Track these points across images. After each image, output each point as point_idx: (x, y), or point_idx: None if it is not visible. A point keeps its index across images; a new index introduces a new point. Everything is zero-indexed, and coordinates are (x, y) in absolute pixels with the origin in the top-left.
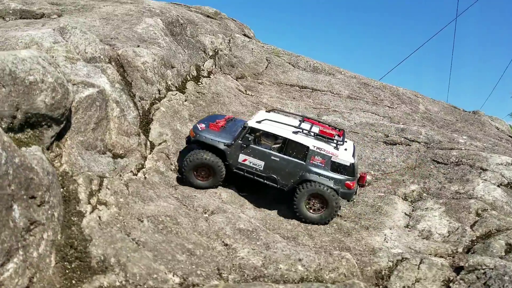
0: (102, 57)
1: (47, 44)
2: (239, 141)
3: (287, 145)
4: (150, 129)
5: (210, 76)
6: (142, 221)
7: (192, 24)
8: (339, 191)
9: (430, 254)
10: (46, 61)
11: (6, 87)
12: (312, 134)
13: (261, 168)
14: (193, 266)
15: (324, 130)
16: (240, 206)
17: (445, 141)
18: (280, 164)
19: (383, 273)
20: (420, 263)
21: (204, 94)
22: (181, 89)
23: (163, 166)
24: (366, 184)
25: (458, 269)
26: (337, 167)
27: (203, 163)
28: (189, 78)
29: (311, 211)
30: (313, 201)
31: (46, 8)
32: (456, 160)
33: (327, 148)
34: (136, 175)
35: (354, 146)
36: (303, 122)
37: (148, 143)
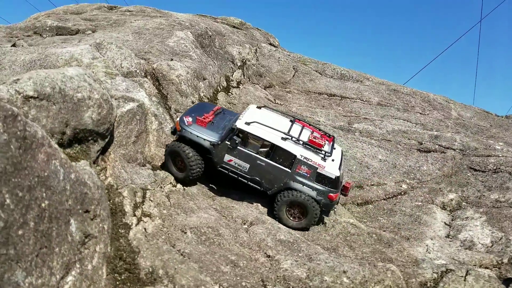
0: (138, 71)
1: (86, 60)
2: (226, 142)
3: (274, 150)
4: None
5: (240, 86)
6: (185, 233)
7: (220, 35)
8: (321, 202)
9: (475, 265)
10: (92, 78)
11: (57, 105)
12: (301, 142)
13: (246, 170)
14: (238, 278)
15: (313, 139)
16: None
17: (481, 148)
18: (266, 169)
19: (428, 285)
20: (466, 274)
21: (235, 104)
22: (213, 100)
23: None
24: (347, 194)
25: (507, 281)
26: (322, 178)
27: (178, 154)
28: (219, 89)
29: (291, 218)
30: (294, 209)
31: (80, 24)
32: (494, 168)
33: (314, 158)
34: (175, 186)
35: (342, 154)
36: (294, 123)
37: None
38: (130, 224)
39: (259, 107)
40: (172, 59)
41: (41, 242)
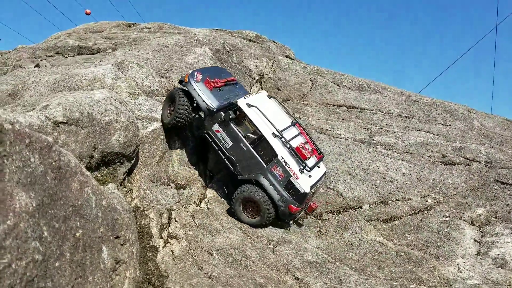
0: (159, 89)
1: (109, 81)
2: (221, 113)
3: (260, 141)
4: (208, 158)
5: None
6: (212, 255)
7: (237, 49)
8: (280, 209)
9: (509, 285)
10: (117, 101)
11: (85, 129)
12: (288, 146)
13: (228, 147)
14: None
15: (301, 148)
16: (302, 235)
17: (507, 159)
18: (245, 154)
19: None
20: None
21: None
22: None
23: (223, 195)
24: (311, 214)
25: None
26: (291, 188)
27: (172, 98)
28: None
29: (245, 212)
30: (250, 205)
31: (101, 43)
32: None
33: (293, 166)
34: (199, 205)
35: (323, 175)
36: (293, 126)
37: (207, 172)
38: (157, 246)
39: (269, 96)
40: None
41: (76, 272)
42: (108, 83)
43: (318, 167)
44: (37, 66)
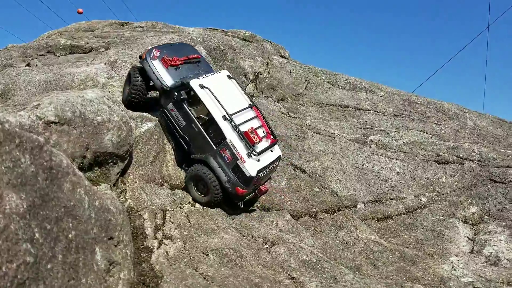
0: None
1: (102, 80)
2: (175, 92)
3: (210, 123)
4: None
5: (253, 100)
6: (207, 255)
7: (231, 49)
8: (227, 191)
9: (502, 283)
10: (110, 100)
11: (77, 129)
12: (238, 131)
13: (181, 126)
14: None
15: (250, 133)
16: (297, 234)
17: (500, 158)
18: (196, 135)
19: None
20: None
21: None
22: None
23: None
24: (260, 196)
25: None
26: (238, 171)
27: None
28: None
29: (196, 190)
30: (200, 184)
31: (93, 42)
32: None
33: (240, 150)
34: (194, 206)
35: (277, 159)
36: (250, 109)
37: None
38: (151, 247)
39: (229, 77)
40: None
41: (69, 274)
42: (100, 83)
43: (272, 151)
44: (28, 65)
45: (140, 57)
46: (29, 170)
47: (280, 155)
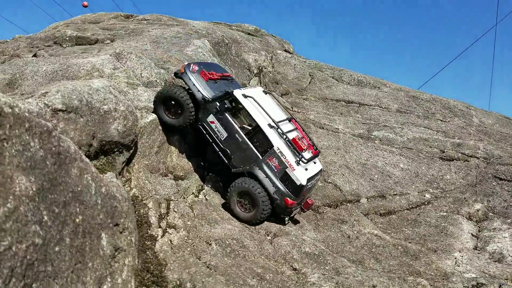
0: (158, 81)
1: (108, 71)
2: (217, 103)
3: (256, 132)
4: (206, 149)
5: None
6: (210, 244)
7: (235, 43)
8: (275, 203)
9: (506, 279)
10: (117, 90)
11: (84, 117)
12: (285, 137)
13: (222, 139)
14: None
15: (298, 140)
16: (300, 227)
17: (506, 156)
18: (240, 145)
19: None
20: None
21: None
22: None
23: (221, 186)
24: (306, 210)
25: None
26: (287, 180)
27: (171, 97)
28: None
29: (239, 206)
30: (245, 199)
31: (99, 34)
32: None
33: (289, 157)
34: (197, 196)
35: (319, 172)
36: (289, 121)
37: (206, 163)
38: (156, 235)
39: (265, 92)
40: None
41: (76, 258)
42: (106, 73)
43: (314, 163)
44: (35, 56)
45: (176, 73)
46: (38, 154)
47: (322, 168)
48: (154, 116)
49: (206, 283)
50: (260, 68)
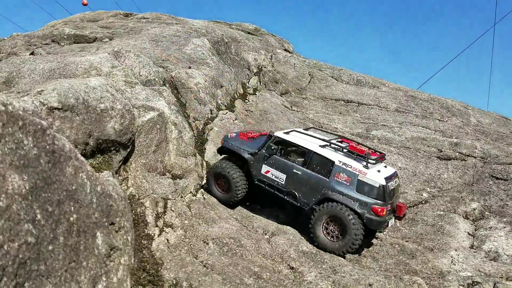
0: (156, 79)
1: (105, 69)
2: (263, 150)
3: (311, 158)
4: (205, 149)
5: (256, 93)
6: (207, 243)
7: (235, 42)
8: (364, 216)
9: (501, 278)
10: (114, 88)
11: (80, 116)
12: (341, 149)
13: (283, 182)
14: None
15: (356, 146)
16: (298, 226)
17: (502, 155)
18: (302, 178)
19: None
20: (494, 287)
21: (252, 111)
22: (230, 107)
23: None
24: (404, 216)
25: None
26: (363, 187)
27: (220, 173)
28: (236, 96)
29: (328, 237)
30: (332, 225)
31: (97, 32)
32: None
33: (354, 165)
34: (195, 195)
35: (395, 173)
36: (339, 140)
37: (204, 163)
38: (152, 235)
39: (306, 129)
40: (190, 67)
41: (70, 257)
42: (104, 72)
43: (385, 167)
44: (32, 54)
45: (219, 150)
46: (32, 152)
47: (395, 171)
48: (152, 114)
49: (203, 282)
50: (260, 67)
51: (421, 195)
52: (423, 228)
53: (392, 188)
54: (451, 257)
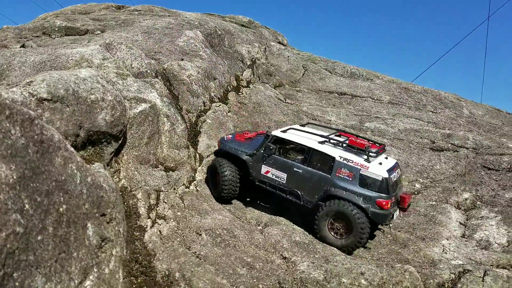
0: (149, 71)
1: (97, 61)
2: (261, 151)
3: (311, 155)
4: (198, 141)
5: (249, 85)
6: (200, 235)
7: (229, 34)
8: (369, 211)
9: (492, 265)
10: (104, 79)
11: (70, 107)
12: (340, 144)
13: (284, 181)
14: (255, 280)
15: (355, 140)
16: (291, 217)
17: (494, 146)
18: (303, 176)
19: (446, 286)
20: (484, 275)
21: (245, 104)
22: (224, 100)
23: None
24: (408, 207)
25: None
26: (366, 181)
27: (216, 171)
28: (230, 89)
29: (333, 234)
30: (337, 223)
31: (89, 24)
32: (508, 166)
33: (355, 159)
34: (188, 188)
35: (396, 164)
36: (337, 135)
37: (197, 155)
38: (145, 226)
39: (302, 125)
40: (182, 59)
41: (59, 247)
42: (95, 64)
43: (386, 158)
44: (23, 46)
45: (216, 152)
46: (19, 142)
47: (396, 162)
48: (144, 106)
49: (196, 272)
50: (254, 59)
51: (414, 186)
52: (416, 218)
53: (395, 179)
54: (443, 246)
